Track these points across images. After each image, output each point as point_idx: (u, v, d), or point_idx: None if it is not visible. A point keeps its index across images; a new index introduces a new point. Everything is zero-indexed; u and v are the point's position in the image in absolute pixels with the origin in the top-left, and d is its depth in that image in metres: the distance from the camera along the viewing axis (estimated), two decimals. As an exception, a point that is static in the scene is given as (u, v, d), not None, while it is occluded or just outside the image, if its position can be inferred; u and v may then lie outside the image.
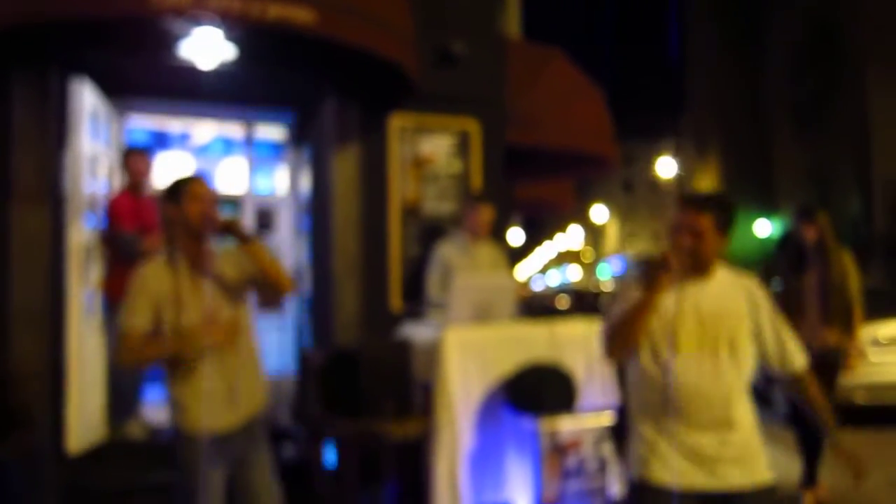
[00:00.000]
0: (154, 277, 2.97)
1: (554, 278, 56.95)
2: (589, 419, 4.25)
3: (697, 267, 2.59)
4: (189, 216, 2.96)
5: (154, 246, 5.19)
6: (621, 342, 2.60)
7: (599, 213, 49.46)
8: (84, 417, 4.95)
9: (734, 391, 2.60)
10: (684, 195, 2.70)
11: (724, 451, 2.57)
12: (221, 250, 3.10)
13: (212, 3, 3.66)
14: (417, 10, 5.04)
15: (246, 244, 3.04)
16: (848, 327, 5.07)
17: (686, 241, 2.55)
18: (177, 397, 3.00)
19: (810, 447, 5.10)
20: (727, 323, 2.60)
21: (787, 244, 5.51)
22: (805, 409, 2.82)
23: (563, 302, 19.57)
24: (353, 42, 4.21)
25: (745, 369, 2.63)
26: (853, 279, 5.13)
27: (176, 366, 2.99)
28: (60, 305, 4.79)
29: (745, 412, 2.64)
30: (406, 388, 4.54)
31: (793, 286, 5.24)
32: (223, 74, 5.17)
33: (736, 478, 2.57)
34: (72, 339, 4.85)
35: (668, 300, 2.57)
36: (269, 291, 3.18)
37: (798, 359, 2.70)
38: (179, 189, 3.01)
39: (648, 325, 2.56)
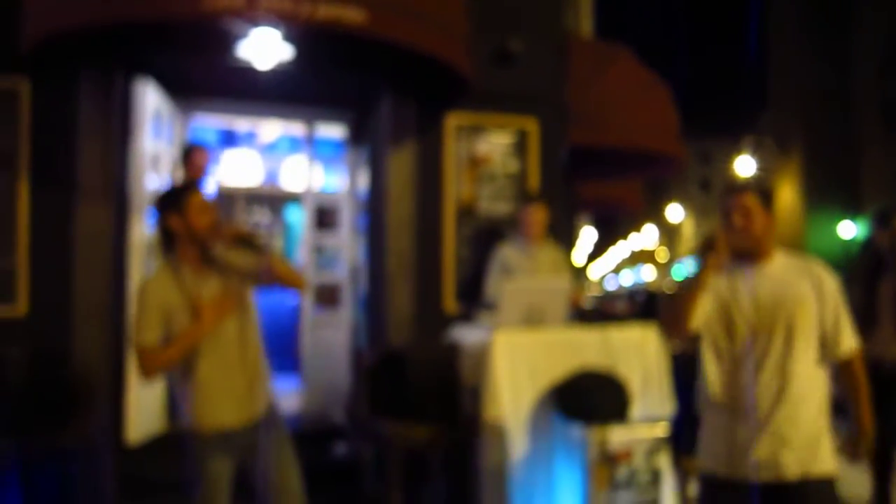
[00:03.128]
0: (160, 289, 2.96)
1: (627, 278, 56.06)
2: (642, 429, 4.10)
3: (752, 249, 2.69)
4: (197, 229, 2.97)
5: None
6: (673, 322, 2.70)
7: (675, 212, 48.35)
8: (143, 409, 5.08)
9: (790, 380, 2.61)
10: (728, 183, 2.93)
11: (776, 441, 2.59)
12: (221, 256, 3.09)
13: (262, 4, 3.67)
14: (475, 9, 4.98)
15: (262, 253, 3.06)
16: None
17: (737, 222, 2.66)
18: (184, 396, 3.04)
19: (881, 463, 4.83)
20: (785, 308, 2.63)
21: (866, 250, 5.25)
22: (848, 400, 2.81)
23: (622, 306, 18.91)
24: (404, 41, 4.18)
25: (803, 358, 2.64)
26: None
27: (185, 365, 3.00)
28: (122, 299, 4.92)
29: (801, 402, 2.62)
30: (454, 391, 4.49)
31: (869, 294, 4.98)
32: (283, 74, 5.21)
33: (789, 468, 2.59)
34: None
35: (724, 286, 2.69)
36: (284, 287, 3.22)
37: (848, 341, 2.71)
38: (182, 199, 3.00)
39: (702, 307, 2.65)
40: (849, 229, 33.18)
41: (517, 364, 4.24)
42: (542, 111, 5.76)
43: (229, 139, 8.26)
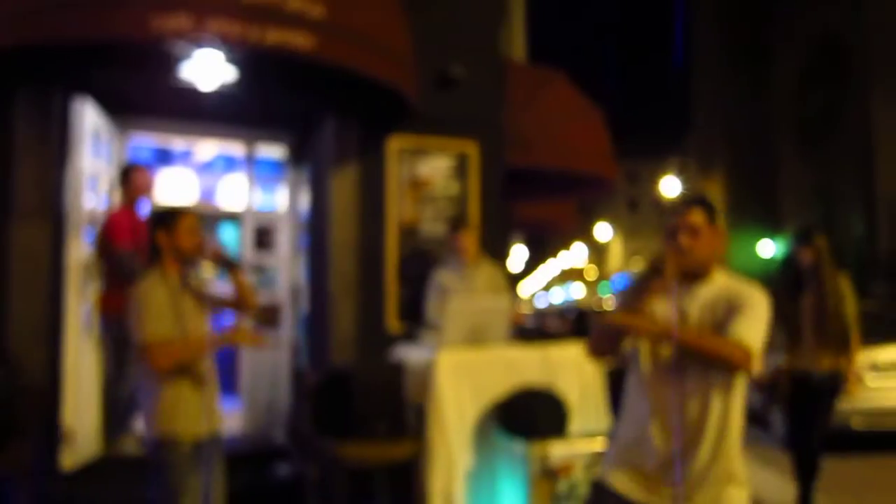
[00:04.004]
0: (154, 291, 3.18)
1: (558, 296, 56.89)
2: (581, 444, 4.24)
3: (696, 269, 2.47)
4: (184, 248, 3.25)
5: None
6: (602, 344, 2.52)
7: (603, 231, 49.41)
8: (79, 432, 4.97)
9: (709, 414, 2.39)
10: (674, 201, 2.52)
11: (692, 480, 2.38)
12: (192, 275, 3.41)
13: (211, 27, 3.71)
14: (417, 34, 5.09)
15: (233, 270, 3.44)
16: (845, 352, 5.06)
17: (685, 241, 2.43)
18: (161, 406, 3.18)
19: (806, 471, 5.08)
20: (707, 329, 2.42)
21: (788, 267, 5.51)
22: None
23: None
24: (350, 66, 4.27)
25: (723, 391, 2.39)
26: (850, 304, 5.12)
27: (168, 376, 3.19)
28: (59, 321, 4.83)
29: (720, 437, 2.40)
30: (399, 409, 4.56)
31: (790, 310, 5.24)
32: (224, 95, 5.22)
33: None
34: (69, 354, 4.88)
35: (660, 307, 2.44)
36: (236, 308, 3.55)
37: (740, 333, 2.33)
38: (173, 220, 3.26)
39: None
40: (768, 248, 34.46)
41: (460, 382, 4.34)
42: (481, 134, 5.90)
43: (164, 158, 8.15)
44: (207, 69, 4.65)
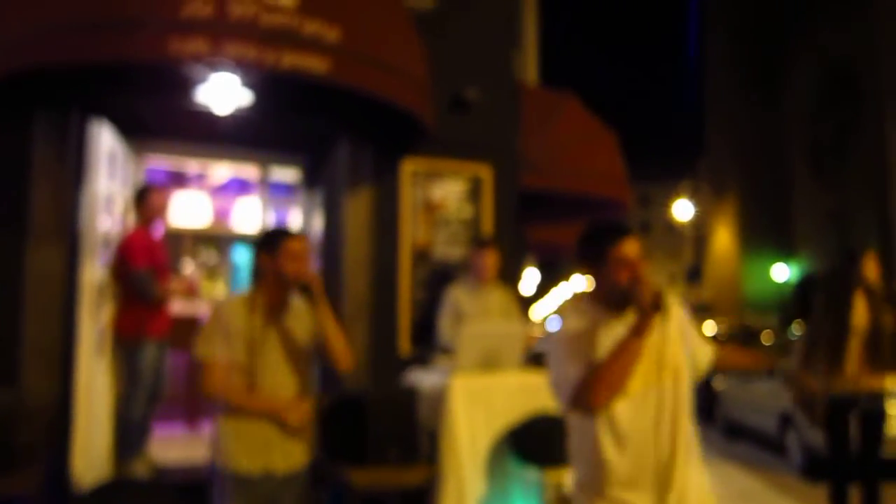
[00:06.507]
0: (231, 313, 3.00)
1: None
2: (595, 470, 4.18)
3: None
4: (284, 272, 3.01)
5: (165, 287, 5.23)
6: (611, 391, 2.24)
7: (616, 254, 49.14)
8: (90, 454, 4.95)
9: (681, 431, 2.32)
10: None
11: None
12: (297, 307, 3.12)
13: (228, 51, 3.73)
14: (432, 57, 5.10)
15: (316, 306, 3.03)
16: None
17: (641, 272, 2.33)
18: (219, 435, 3.03)
19: (866, 498, 4.95)
20: (670, 349, 2.36)
21: (831, 283, 5.32)
22: None
23: None
24: (366, 90, 4.28)
25: (689, 400, 2.35)
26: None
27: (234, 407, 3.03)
28: (71, 342, 4.82)
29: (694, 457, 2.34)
30: (412, 434, 4.52)
31: (830, 330, 5.04)
32: (239, 118, 5.25)
33: None
34: (81, 375, 4.86)
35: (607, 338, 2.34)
36: (328, 359, 3.18)
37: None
38: (277, 241, 3.06)
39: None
40: (782, 272, 34.25)
41: (474, 407, 4.30)
42: (496, 158, 5.91)
43: (178, 180, 8.21)
44: (223, 93, 4.67)
